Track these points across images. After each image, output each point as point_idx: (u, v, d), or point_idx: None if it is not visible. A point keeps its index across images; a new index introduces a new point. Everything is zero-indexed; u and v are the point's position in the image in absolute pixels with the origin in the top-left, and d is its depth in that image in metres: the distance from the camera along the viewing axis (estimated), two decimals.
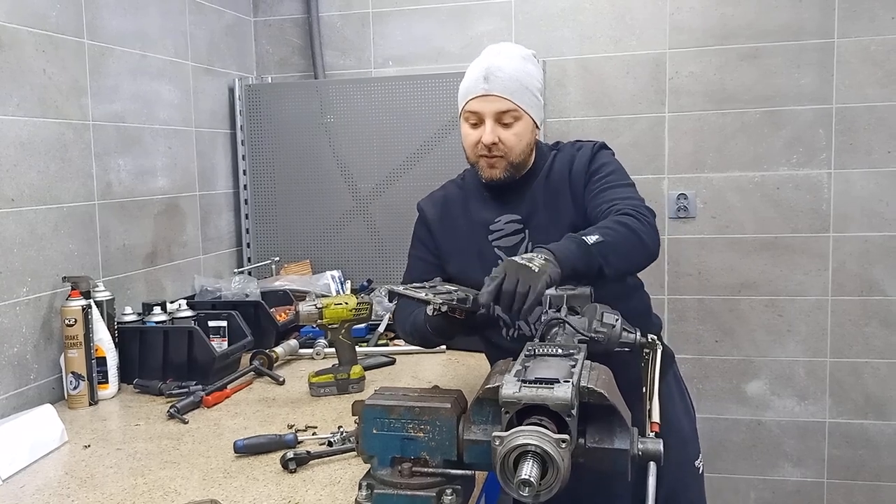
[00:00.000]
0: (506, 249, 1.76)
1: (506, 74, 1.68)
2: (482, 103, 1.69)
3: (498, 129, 1.69)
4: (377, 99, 2.99)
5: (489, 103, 1.68)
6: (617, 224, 1.56)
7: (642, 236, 1.56)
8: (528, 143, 1.73)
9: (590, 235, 1.50)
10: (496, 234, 1.77)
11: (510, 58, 1.71)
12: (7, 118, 1.95)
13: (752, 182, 2.93)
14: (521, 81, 1.69)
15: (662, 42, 2.94)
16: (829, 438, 2.97)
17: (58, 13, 2.12)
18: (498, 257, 1.75)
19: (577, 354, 1.21)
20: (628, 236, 1.54)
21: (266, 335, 2.47)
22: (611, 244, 1.50)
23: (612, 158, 1.79)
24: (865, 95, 2.81)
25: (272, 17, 3.24)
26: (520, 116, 1.69)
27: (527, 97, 1.70)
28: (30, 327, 2.00)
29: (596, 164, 1.75)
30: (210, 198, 2.92)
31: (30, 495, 1.45)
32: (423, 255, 1.90)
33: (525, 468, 1.00)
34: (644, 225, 1.58)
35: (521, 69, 1.70)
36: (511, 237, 1.76)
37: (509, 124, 1.69)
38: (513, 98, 1.68)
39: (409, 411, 1.18)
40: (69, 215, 2.16)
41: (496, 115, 1.68)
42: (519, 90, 1.68)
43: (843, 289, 2.90)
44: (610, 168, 1.75)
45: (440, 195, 1.92)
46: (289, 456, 1.50)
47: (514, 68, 1.69)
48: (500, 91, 1.67)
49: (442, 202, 1.89)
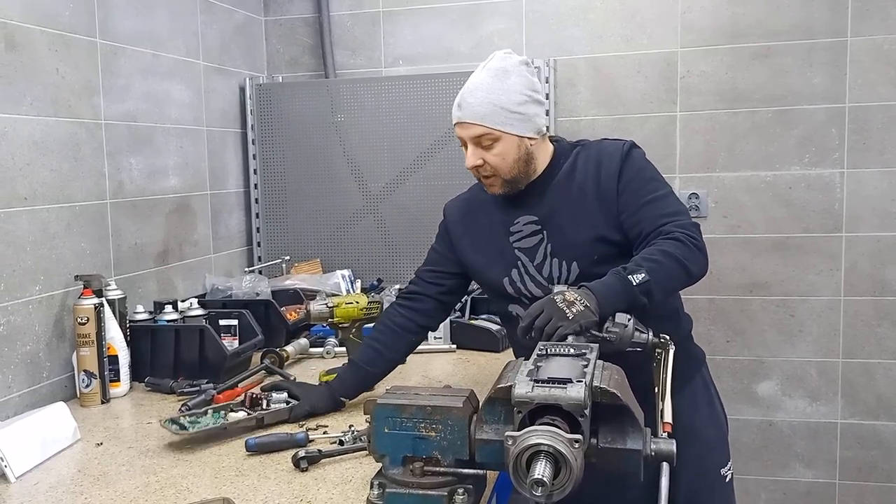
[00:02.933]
0: (525, 250, 1.75)
1: (476, 99, 1.65)
2: (459, 130, 1.70)
3: (479, 151, 1.68)
4: (387, 98, 2.99)
5: (464, 130, 1.69)
6: (664, 256, 1.55)
7: (689, 267, 1.56)
8: (515, 160, 1.69)
9: (636, 274, 1.50)
10: (516, 235, 1.77)
11: (484, 77, 1.67)
12: (20, 117, 1.96)
13: (764, 181, 2.91)
14: (494, 103, 1.64)
15: (673, 41, 2.93)
16: (840, 439, 2.96)
17: (70, 13, 2.13)
18: (518, 258, 1.75)
19: (590, 354, 1.21)
20: (674, 269, 1.54)
21: (276, 334, 2.47)
22: (655, 281, 1.51)
23: (645, 161, 1.74)
24: (878, 94, 2.79)
25: (283, 16, 3.25)
26: (497, 137, 1.66)
27: (501, 117, 1.65)
28: (42, 325, 2.01)
29: (631, 170, 1.70)
30: (221, 197, 2.93)
31: (43, 492, 1.45)
32: (438, 251, 1.93)
33: (538, 468, 1.00)
34: (692, 251, 1.57)
35: (495, 88, 1.65)
36: (530, 238, 1.75)
37: (489, 146, 1.67)
38: (483, 122, 1.65)
39: (421, 410, 1.18)
40: (81, 214, 2.17)
41: (473, 139, 1.68)
42: (491, 112, 1.65)
43: (855, 289, 2.88)
44: (647, 174, 1.71)
45: (465, 197, 1.93)
46: (300, 455, 1.50)
47: (486, 90, 1.65)
48: (470, 118, 1.66)
49: (466, 203, 1.90)
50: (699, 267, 1.59)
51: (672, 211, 1.65)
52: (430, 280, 1.90)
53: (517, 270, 1.75)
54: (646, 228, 1.63)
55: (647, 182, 1.70)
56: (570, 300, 1.45)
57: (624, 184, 1.68)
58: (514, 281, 1.76)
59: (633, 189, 1.68)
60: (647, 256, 1.55)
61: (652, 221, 1.63)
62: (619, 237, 1.67)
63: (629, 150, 1.72)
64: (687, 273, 1.56)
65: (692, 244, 1.57)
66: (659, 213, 1.64)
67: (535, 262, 1.73)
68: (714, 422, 1.85)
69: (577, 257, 1.69)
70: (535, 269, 1.73)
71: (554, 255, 1.72)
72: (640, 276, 1.50)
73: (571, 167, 1.75)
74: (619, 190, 1.68)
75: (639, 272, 1.50)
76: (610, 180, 1.69)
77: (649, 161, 1.75)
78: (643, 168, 1.72)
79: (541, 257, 1.73)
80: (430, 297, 1.89)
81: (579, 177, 1.73)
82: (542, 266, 1.73)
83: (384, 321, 1.91)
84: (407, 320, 1.87)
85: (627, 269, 1.52)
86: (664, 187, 1.71)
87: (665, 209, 1.65)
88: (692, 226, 1.62)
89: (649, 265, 1.52)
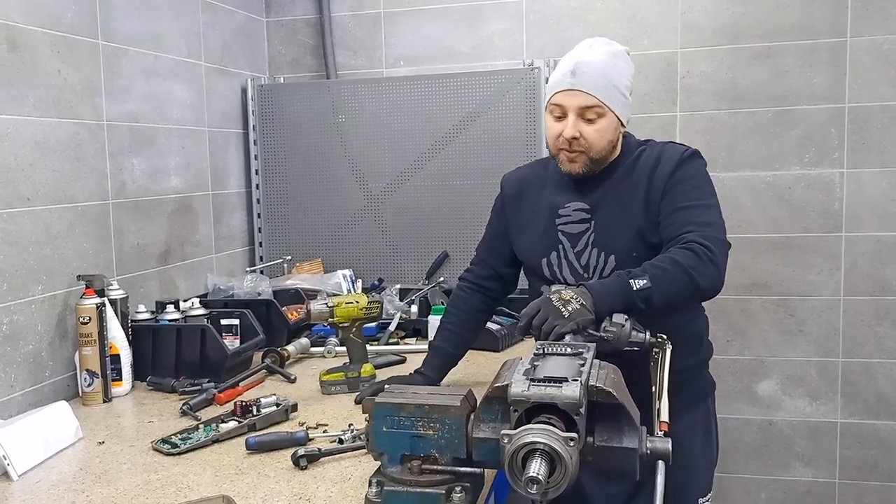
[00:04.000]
0: (569, 235, 1.76)
1: (594, 70, 1.66)
2: (567, 97, 1.68)
3: (580, 123, 1.67)
4: (388, 99, 3.00)
5: (574, 98, 1.67)
6: (672, 263, 1.54)
7: (697, 279, 1.53)
8: (609, 141, 1.70)
9: (638, 279, 1.51)
10: (563, 218, 1.78)
11: (600, 54, 1.69)
12: (22, 118, 1.97)
13: (764, 181, 2.92)
14: (609, 78, 1.67)
15: (674, 41, 2.93)
16: (840, 439, 2.96)
17: (72, 14, 2.14)
18: (559, 241, 1.77)
19: (586, 353, 1.22)
20: (680, 280, 1.53)
21: (278, 333, 2.49)
22: (657, 288, 1.51)
23: (701, 171, 1.73)
24: (878, 94, 2.79)
25: (284, 17, 3.26)
26: (604, 113, 1.67)
27: (613, 94, 1.67)
28: (45, 325, 2.02)
29: (681, 174, 1.69)
30: (223, 197, 2.94)
31: (45, 490, 1.47)
32: (493, 227, 1.95)
33: (533, 466, 1.01)
34: (704, 263, 1.54)
35: (611, 66, 1.68)
36: (577, 224, 1.76)
37: (592, 120, 1.67)
38: (598, 94, 1.66)
39: (419, 409, 1.19)
40: (84, 214, 2.18)
41: (580, 110, 1.67)
42: (605, 87, 1.66)
43: (855, 289, 2.89)
44: (695, 183, 1.69)
45: (521, 173, 1.94)
46: (300, 453, 1.51)
47: (603, 64, 1.67)
48: (585, 87, 1.66)
49: (521, 179, 1.91)
50: (709, 281, 1.56)
51: (703, 221, 1.63)
52: (488, 259, 1.94)
53: (556, 253, 1.77)
54: (672, 233, 1.63)
55: (692, 189, 1.68)
56: (565, 299, 1.47)
57: (670, 186, 1.68)
58: (551, 263, 1.77)
59: (677, 192, 1.68)
60: (654, 263, 1.56)
61: (678, 227, 1.63)
62: (657, 238, 1.68)
63: (689, 156, 1.72)
64: (694, 285, 1.54)
65: (707, 257, 1.55)
66: (689, 221, 1.63)
67: (576, 248, 1.75)
68: (706, 451, 1.85)
69: (616, 251, 1.70)
70: (575, 255, 1.75)
71: (595, 245, 1.73)
72: (642, 282, 1.51)
73: (633, 164, 1.75)
74: (664, 191, 1.68)
75: (641, 277, 1.51)
76: (660, 180, 1.69)
77: (706, 173, 1.74)
78: (695, 176, 1.71)
79: (582, 245, 1.74)
80: (490, 276, 1.93)
81: (637, 175, 1.73)
82: (582, 254, 1.74)
83: (455, 303, 1.95)
84: (476, 300, 1.93)
85: (632, 273, 1.53)
86: (708, 199, 1.69)
87: (697, 218, 1.64)
88: (717, 241, 1.59)
89: (654, 272, 1.53)
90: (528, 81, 2.84)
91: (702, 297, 1.66)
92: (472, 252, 2.01)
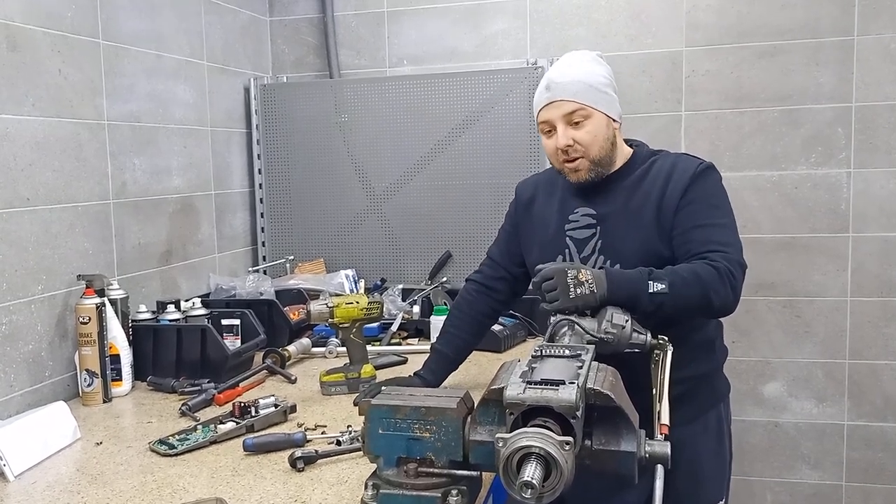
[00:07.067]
0: (577, 241, 1.77)
1: (567, 79, 1.70)
2: (549, 111, 1.71)
3: (570, 130, 1.70)
4: (391, 98, 2.99)
5: (555, 109, 1.70)
6: (694, 276, 1.56)
7: (712, 298, 1.56)
8: (605, 139, 1.71)
9: (658, 282, 1.53)
10: (572, 224, 1.79)
11: (570, 64, 1.73)
12: (23, 118, 1.97)
13: (770, 181, 2.89)
14: (584, 81, 1.70)
15: (678, 40, 2.91)
16: (847, 441, 2.93)
17: (73, 14, 2.13)
18: (566, 246, 1.78)
19: (585, 355, 1.20)
20: (697, 294, 1.55)
21: (279, 333, 2.48)
22: (673, 296, 1.53)
23: (717, 187, 1.73)
24: (886, 94, 2.77)
25: (287, 16, 3.25)
26: (589, 114, 1.69)
27: (592, 94, 1.70)
28: (45, 325, 2.02)
29: (698, 190, 1.68)
30: (225, 197, 2.94)
31: (40, 491, 1.46)
32: (506, 229, 1.97)
33: (528, 470, 0.99)
34: (724, 285, 1.57)
35: (583, 70, 1.72)
36: (584, 230, 1.77)
37: (580, 123, 1.69)
38: (576, 98, 1.69)
39: (416, 411, 1.18)
40: (84, 214, 2.18)
41: (565, 118, 1.69)
42: (582, 90, 1.69)
43: (862, 289, 2.86)
44: (714, 201, 1.70)
45: (535, 179, 1.96)
46: (297, 455, 1.50)
47: (575, 71, 1.71)
48: (562, 95, 1.69)
49: (534, 185, 1.94)
50: (723, 302, 1.58)
51: (725, 241, 1.65)
52: (499, 260, 1.94)
53: (562, 258, 1.77)
54: (694, 250, 1.63)
55: (709, 207, 1.69)
56: (580, 280, 1.50)
57: (686, 202, 1.68)
58: None
59: (693, 210, 1.67)
60: (677, 271, 1.57)
61: (701, 245, 1.63)
62: (668, 253, 1.67)
63: (703, 171, 1.71)
64: (707, 303, 1.56)
65: (727, 279, 1.57)
66: (710, 239, 1.64)
67: (583, 254, 1.75)
68: (718, 457, 1.83)
69: (622, 260, 1.69)
70: (581, 261, 1.75)
71: (602, 253, 1.73)
72: (660, 286, 1.52)
73: (643, 173, 1.75)
74: (678, 206, 1.68)
75: (661, 282, 1.53)
76: (674, 195, 1.69)
77: (723, 187, 1.74)
78: (711, 194, 1.71)
79: (589, 251, 1.75)
80: (500, 277, 1.93)
81: (647, 185, 1.73)
82: (588, 260, 1.74)
83: (460, 306, 1.95)
84: (481, 304, 1.93)
85: (654, 273, 1.55)
86: (726, 217, 1.70)
87: (718, 237, 1.65)
88: (737, 263, 1.62)
89: (674, 279, 1.54)
90: (532, 80, 2.82)
91: (712, 315, 1.71)
92: (475, 252, 2.01)
